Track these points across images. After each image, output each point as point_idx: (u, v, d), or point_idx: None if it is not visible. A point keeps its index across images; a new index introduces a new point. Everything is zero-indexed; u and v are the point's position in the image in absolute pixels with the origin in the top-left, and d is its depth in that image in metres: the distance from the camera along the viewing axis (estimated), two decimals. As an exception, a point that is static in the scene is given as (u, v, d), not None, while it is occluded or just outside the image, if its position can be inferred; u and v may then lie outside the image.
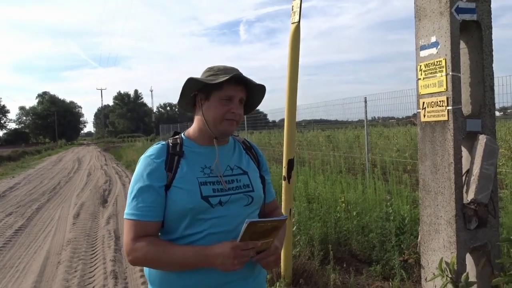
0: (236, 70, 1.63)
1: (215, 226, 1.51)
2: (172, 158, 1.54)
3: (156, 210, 1.49)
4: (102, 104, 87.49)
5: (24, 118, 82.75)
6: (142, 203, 1.48)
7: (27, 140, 73.81)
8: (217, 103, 1.57)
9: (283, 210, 3.76)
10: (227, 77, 1.53)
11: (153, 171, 1.50)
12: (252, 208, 1.64)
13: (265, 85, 1.68)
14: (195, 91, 1.63)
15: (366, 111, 8.46)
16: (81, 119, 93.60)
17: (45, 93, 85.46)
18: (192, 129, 1.67)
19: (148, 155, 1.56)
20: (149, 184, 1.49)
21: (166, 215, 1.51)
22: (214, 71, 1.61)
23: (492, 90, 2.47)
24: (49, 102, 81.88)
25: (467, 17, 2.35)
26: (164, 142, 1.61)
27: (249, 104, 1.72)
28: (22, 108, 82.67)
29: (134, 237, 1.47)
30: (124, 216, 1.52)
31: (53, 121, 75.86)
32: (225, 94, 1.57)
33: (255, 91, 1.68)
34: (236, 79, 1.58)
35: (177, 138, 1.65)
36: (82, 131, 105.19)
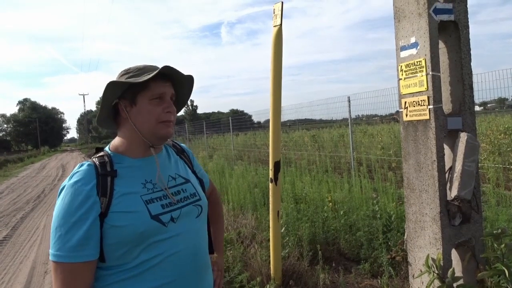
0: (157, 67, 1.43)
1: (173, 247, 1.35)
2: (104, 181, 1.30)
3: (91, 247, 1.24)
4: (84, 109, 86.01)
5: (5, 125, 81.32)
6: (72, 241, 1.22)
7: (9, 148, 72.55)
8: (147, 105, 1.37)
9: (270, 212, 3.77)
10: (155, 72, 1.35)
11: (84, 200, 1.25)
12: (202, 218, 1.51)
13: (192, 76, 1.50)
14: (116, 98, 1.40)
15: (350, 110, 8.52)
16: (63, 125, 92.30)
17: (26, 99, 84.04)
18: (119, 142, 1.43)
19: (73, 182, 1.28)
20: (81, 217, 1.23)
21: (112, 246, 1.28)
22: (133, 71, 1.41)
23: (471, 88, 2.52)
24: (30, 108, 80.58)
25: (444, 17, 2.40)
26: (89, 163, 1.35)
27: (179, 100, 1.55)
28: (2, 116, 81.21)
29: (71, 287, 1.23)
30: (51, 258, 1.25)
31: (35, 128, 74.78)
32: (154, 93, 1.37)
33: (183, 85, 1.51)
34: (162, 75, 1.38)
35: (103, 155, 1.39)
36: (65, 137, 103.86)
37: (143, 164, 1.41)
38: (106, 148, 1.44)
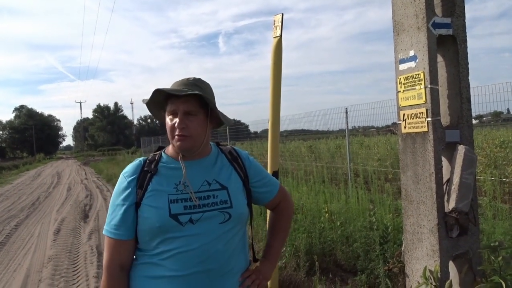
0: (183, 83, 1.54)
1: (185, 245, 1.46)
2: (144, 175, 1.54)
3: (124, 229, 1.51)
4: (81, 117, 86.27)
5: (1, 132, 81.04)
6: (114, 220, 1.51)
7: (4, 155, 72.16)
8: (167, 119, 1.54)
9: (267, 223, 3.76)
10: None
11: (125, 189, 1.53)
12: (229, 225, 1.55)
13: (199, 92, 1.48)
14: (158, 110, 1.63)
15: (347, 122, 8.56)
16: (59, 132, 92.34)
17: (22, 106, 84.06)
18: (170, 145, 1.62)
19: (123, 173, 1.58)
20: (120, 202, 1.52)
21: (140, 232, 1.52)
22: (172, 85, 1.60)
23: (469, 101, 2.55)
24: (26, 115, 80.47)
25: (443, 31, 2.43)
26: (141, 159, 1.61)
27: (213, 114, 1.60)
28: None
29: (110, 256, 1.52)
30: (103, 231, 1.58)
31: (31, 135, 74.57)
32: (169, 110, 1.53)
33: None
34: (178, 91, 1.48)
35: (156, 154, 1.63)
36: (61, 145, 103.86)
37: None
38: (164, 149, 1.65)
